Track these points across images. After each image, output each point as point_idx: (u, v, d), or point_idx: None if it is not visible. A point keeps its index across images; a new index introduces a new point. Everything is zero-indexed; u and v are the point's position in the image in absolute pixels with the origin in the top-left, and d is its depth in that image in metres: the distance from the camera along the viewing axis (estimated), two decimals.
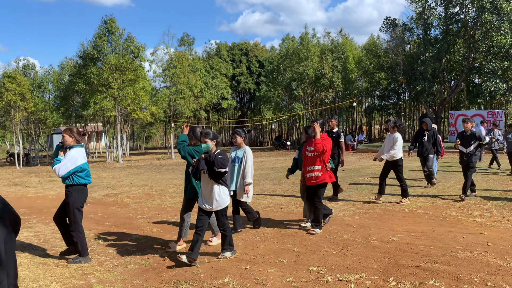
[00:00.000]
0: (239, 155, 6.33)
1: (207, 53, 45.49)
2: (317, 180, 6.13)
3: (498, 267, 4.53)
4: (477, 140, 8.52)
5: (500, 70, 27.52)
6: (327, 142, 6.13)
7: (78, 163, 5.18)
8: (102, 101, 25.35)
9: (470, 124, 8.70)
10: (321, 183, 6.16)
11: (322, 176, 6.14)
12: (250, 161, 6.25)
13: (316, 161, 6.16)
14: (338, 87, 34.27)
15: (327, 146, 6.10)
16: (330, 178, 6.28)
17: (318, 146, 6.04)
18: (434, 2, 30.20)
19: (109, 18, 26.73)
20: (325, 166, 6.18)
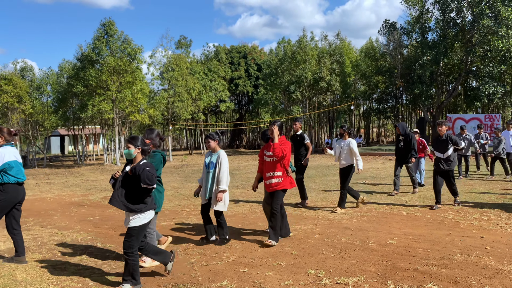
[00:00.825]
0: (213, 160, 5.94)
1: (205, 56, 45.55)
2: (277, 186, 5.79)
3: (496, 271, 4.54)
4: (452, 145, 8.06)
5: (497, 73, 27.70)
6: (286, 146, 5.74)
7: (5, 159, 5.09)
8: (100, 103, 25.32)
9: (444, 127, 8.24)
10: (280, 189, 5.81)
11: (283, 182, 5.81)
12: (225, 166, 5.84)
13: (276, 166, 5.81)
14: (336, 90, 34.38)
15: (286, 151, 5.72)
16: (291, 184, 5.93)
17: (276, 151, 5.65)
18: (431, 6, 30.36)
19: (108, 21, 26.73)
20: (286, 172, 5.84)
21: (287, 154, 5.75)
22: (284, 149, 5.71)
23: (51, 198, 11.53)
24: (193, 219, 7.81)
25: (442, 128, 8.21)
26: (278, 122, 5.90)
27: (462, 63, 29.89)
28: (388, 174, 14.74)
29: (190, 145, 43.55)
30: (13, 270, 5.03)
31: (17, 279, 4.76)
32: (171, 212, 8.72)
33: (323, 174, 15.63)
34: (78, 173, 20.31)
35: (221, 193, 5.77)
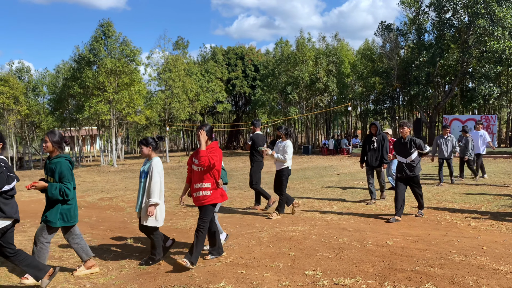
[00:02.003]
0: (145, 168, 5.32)
1: (203, 57, 45.56)
2: (205, 200, 5.06)
3: (493, 271, 4.55)
4: (416, 148, 7.36)
5: (493, 74, 27.81)
6: (214, 154, 5.02)
7: None
8: (97, 104, 25.28)
9: (407, 129, 7.50)
10: (209, 203, 5.09)
11: (212, 195, 5.08)
12: (157, 175, 5.18)
13: (204, 177, 5.07)
14: (333, 91, 34.43)
15: (214, 159, 4.97)
16: (222, 197, 5.23)
17: (202, 160, 4.90)
18: (427, 8, 30.48)
19: (106, 22, 26.73)
20: (216, 183, 5.13)
21: (215, 163, 5.00)
22: (212, 158, 4.96)
23: None
24: (190, 220, 7.79)
25: (404, 129, 7.47)
26: (206, 126, 5.15)
27: (458, 64, 30.01)
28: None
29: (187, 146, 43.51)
30: (9, 272, 5.01)
31: (13, 281, 4.74)
32: (168, 213, 8.71)
33: (320, 175, 15.65)
34: (74, 175, 20.22)
35: (152, 207, 5.11)
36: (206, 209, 5.12)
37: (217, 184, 5.13)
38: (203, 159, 4.90)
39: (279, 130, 7.98)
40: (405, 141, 7.41)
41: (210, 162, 4.93)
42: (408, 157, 7.34)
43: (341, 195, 10.40)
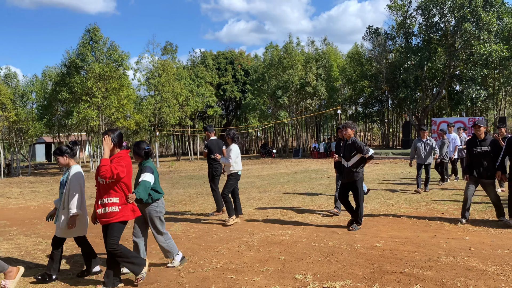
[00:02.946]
0: (65, 178, 4.92)
1: (192, 61, 45.54)
2: (113, 217, 4.39)
3: (480, 272, 4.60)
4: (357, 152, 6.90)
5: (480, 77, 28.22)
6: (120, 164, 4.33)
7: None
8: (86, 110, 25.11)
9: (350, 130, 6.98)
10: (117, 221, 4.42)
11: (122, 211, 4.44)
12: (76, 185, 4.79)
13: (111, 191, 4.42)
14: (322, 95, 34.62)
15: (118, 169, 4.28)
16: (133, 213, 4.60)
17: (102, 170, 4.20)
18: (414, 12, 30.86)
19: (93, 27, 26.60)
20: (126, 197, 4.50)
21: (120, 174, 4.30)
22: (116, 168, 4.27)
23: (36, 207, 11.35)
24: (180, 226, 7.76)
25: (347, 131, 6.96)
26: (114, 132, 4.52)
27: (445, 67, 30.39)
28: (374, 178, 14.85)
29: (178, 151, 43.34)
30: None
31: None
32: None
33: (311, 178, 15.69)
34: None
35: (74, 218, 4.70)
36: (113, 227, 4.42)
37: (127, 198, 4.49)
38: (103, 169, 4.20)
39: (227, 134, 7.83)
40: (348, 143, 6.98)
41: (113, 173, 4.23)
42: (349, 160, 6.92)
43: (331, 198, 10.43)
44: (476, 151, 7.08)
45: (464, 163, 7.72)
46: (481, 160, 7.01)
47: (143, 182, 4.82)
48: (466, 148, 7.33)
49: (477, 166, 7.07)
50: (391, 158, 24.80)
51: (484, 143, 7.04)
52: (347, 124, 7.02)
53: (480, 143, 7.07)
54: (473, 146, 7.12)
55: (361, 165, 6.94)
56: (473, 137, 7.22)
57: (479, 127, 7.07)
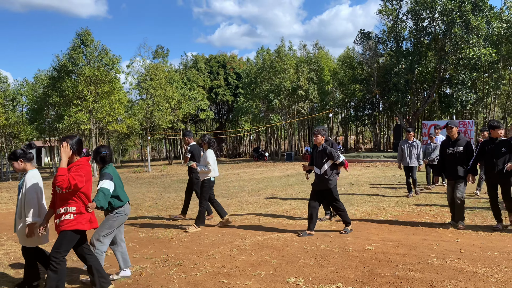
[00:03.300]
0: (21, 183, 4.62)
1: (184, 65, 45.49)
2: (66, 224, 4.14)
3: (470, 274, 4.64)
4: (329, 158, 6.70)
5: (469, 81, 28.52)
6: (78, 174, 4.07)
7: None
8: (77, 114, 24.95)
9: (320, 137, 6.74)
10: (70, 229, 4.15)
11: (76, 219, 4.17)
12: (32, 192, 4.48)
13: (69, 201, 4.18)
14: (314, 98, 34.75)
15: (76, 179, 4.01)
16: (90, 224, 4.28)
17: (59, 180, 3.93)
18: (404, 16, 31.14)
19: (84, 31, 26.49)
20: (85, 207, 4.24)
21: (78, 184, 4.03)
22: (74, 177, 4.00)
23: None
24: (172, 231, 7.72)
25: (317, 137, 6.75)
26: (73, 138, 4.25)
27: (436, 71, 30.66)
28: (366, 181, 14.92)
29: (170, 154, 43.17)
30: None
31: None
32: (149, 224, 8.61)
33: (303, 181, 15.72)
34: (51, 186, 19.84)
35: (31, 226, 4.42)
36: (64, 236, 4.13)
37: (86, 208, 4.23)
38: (60, 179, 3.92)
39: (202, 139, 7.69)
40: (318, 150, 6.74)
41: (70, 183, 3.95)
42: (321, 167, 6.72)
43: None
44: (449, 151, 7.11)
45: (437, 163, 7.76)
46: (453, 160, 7.02)
47: (101, 189, 4.54)
48: (440, 148, 7.38)
49: (449, 167, 7.11)
50: (382, 161, 24.94)
51: (457, 143, 7.06)
52: (318, 130, 6.82)
53: (453, 143, 7.10)
54: (446, 147, 7.17)
55: (334, 171, 6.79)
56: (447, 138, 7.28)
57: (451, 128, 7.10)
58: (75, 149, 4.22)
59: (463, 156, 6.97)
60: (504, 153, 6.69)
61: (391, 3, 31.52)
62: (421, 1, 28.57)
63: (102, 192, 4.53)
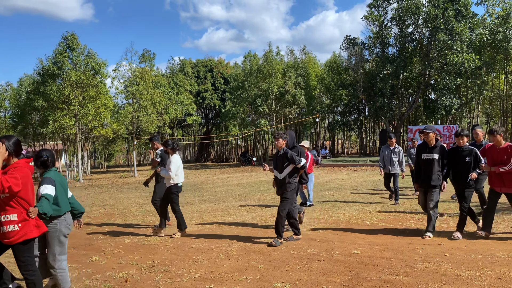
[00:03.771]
0: None
1: (171, 69, 45.33)
2: (13, 237, 3.89)
3: (455, 277, 4.70)
4: (290, 163, 6.52)
5: (453, 86, 28.99)
6: (14, 176, 3.75)
7: None
8: (62, 118, 24.65)
9: (282, 141, 6.62)
10: (20, 241, 3.92)
11: (23, 229, 3.91)
12: None
13: (7, 207, 3.87)
14: (301, 103, 34.92)
15: (10, 182, 3.68)
16: (38, 229, 4.06)
17: None
18: (389, 22, 31.57)
19: (70, 34, 26.23)
20: (26, 213, 3.94)
21: (13, 188, 3.71)
22: (8, 180, 3.68)
23: None
24: (157, 236, 7.66)
25: (278, 141, 6.61)
26: (9, 139, 4.01)
27: (420, 76, 31.11)
28: (352, 185, 15.01)
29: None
30: None
31: None
32: (136, 229, 8.53)
33: None
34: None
35: None
36: (20, 250, 3.93)
37: (28, 213, 3.94)
38: None
39: (165, 145, 7.49)
40: (279, 154, 6.60)
41: (3, 186, 3.62)
42: (282, 172, 6.58)
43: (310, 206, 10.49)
44: (424, 157, 6.82)
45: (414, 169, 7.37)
46: (428, 167, 6.72)
47: (43, 195, 4.26)
48: (416, 154, 7.10)
49: (423, 173, 6.81)
50: (368, 165, 25.14)
51: (433, 150, 6.76)
52: (279, 134, 6.71)
53: (430, 150, 6.80)
54: (422, 153, 6.88)
55: (295, 175, 6.62)
56: (423, 143, 6.97)
57: (428, 134, 6.80)
58: (11, 150, 3.94)
59: (438, 164, 6.69)
60: (467, 162, 6.54)
61: (377, 9, 31.93)
62: (405, 8, 29.00)
63: (44, 197, 4.24)
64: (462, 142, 6.66)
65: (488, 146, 6.71)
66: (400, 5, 29.84)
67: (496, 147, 6.47)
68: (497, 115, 35.65)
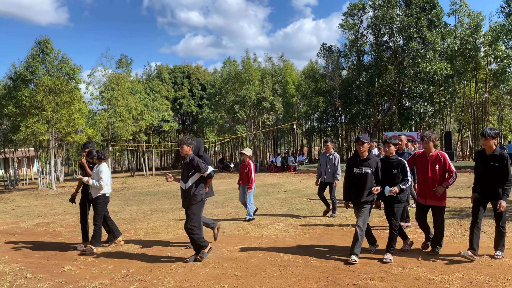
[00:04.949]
0: None
1: (147, 75, 44.92)
2: None
3: (428, 281, 4.78)
4: (196, 171, 6.00)
5: (427, 94, 29.74)
6: None
7: None
8: (35, 124, 24.02)
9: (186, 147, 6.10)
10: None
11: None
12: None
13: None
14: (279, 110, 35.11)
15: None
16: None
17: None
18: (365, 31, 32.21)
19: (44, 39, 25.68)
20: None
21: None
22: None
23: None
24: (132, 245, 7.52)
25: (183, 149, 6.10)
26: None
27: (395, 84, 31.77)
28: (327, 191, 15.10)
29: (132, 166, 42.25)
30: None
31: None
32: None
33: (268, 192, 15.76)
34: (8, 199, 18.94)
35: None
36: None
37: None
38: None
39: (90, 155, 7.13)
40: (186, 162, 6.09)
41: None
42: (187, 182, 6.04)
43: (287, 211, 10.52)
44: (356, 171, 5.88)
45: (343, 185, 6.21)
46: (360, 183, 5.83)
47: None
48: (346, 167, 6.15)
49: (354, 189, 5.92)
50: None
51: (365, 163, 5.83)
52: (182, 140, 6.12)
53: (361, 163, 5.86)
54: (353, 166, 5.93)
55: (201, 186, 6.03)
56: (355, 155, 6.01)
57: (362, 144, 5.81)
58: None
59: (371, 180, 5.80)
60: (394, 176, 5.82)
61: (352, 18, 32.52)
62: (380, 17, 29.64)
63: None
64: (389, 150, 5.93)
65: (418, 153, 6.14)
66: (375, 14, 30.50)
67: (426, 154, 5.93)
68: (469, 121, 36.74)
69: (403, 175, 5.81)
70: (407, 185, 5.77)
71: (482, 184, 5.62)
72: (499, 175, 5.42)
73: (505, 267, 5.20)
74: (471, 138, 36.16)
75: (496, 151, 5.48)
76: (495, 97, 33.56)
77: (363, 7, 31.75)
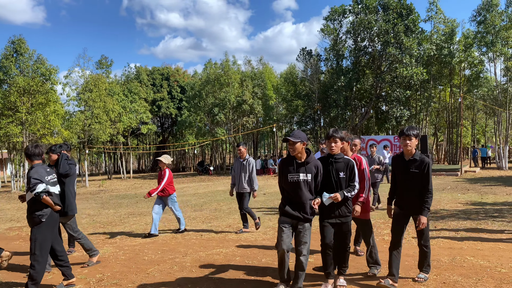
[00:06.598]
0: None
1: (126, 77, 44.36)
2: None
3: (403, 282, 4.86)
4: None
5: (403, 98, 30.31)
6: None
7: None
8: (8, 126, 23.41)
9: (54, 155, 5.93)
10: None
11: None
12: None
13: None
14: (258, 113, 35.17)
15: None
16: None
17: None
18: (344, 36, 32.64)
19: (18, 38, 25.08)
20: None
21: None
22: None
23: None
24: (109, 248, 7.40)
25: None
26: None
27: (373, 88, 32.26)
28: None
29: (109, 169, 41.60)
30: None
31: None
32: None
33: None
34: None
35: None
36: None
37: None
38: None
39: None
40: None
41: None
42: None
43: (267, 214, 10.53)
44: (292, 179, 4.59)
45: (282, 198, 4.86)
46: (295, 193, 4.59)
47: None
48: (279, 172, 4.89)
49: (291, 200, 4.65)
50: None
51: (302, 169, 4.57)
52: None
53: (297, 168, 4.58)
54: (288, 172, 4.62)
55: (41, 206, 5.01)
56: (289, 157, 4.69)
57: (294, 144, 4.54)
58: None
59: (309, 188, 4.61)
60: (340, 179, 4.71)
61: (332, 22, 32.89)
62: (359, 22, 30.08)
63: None
64: (335, 146, 4.73)
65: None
66: (354, 19, 30.94)
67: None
68: (444, 126, 37.59)
69: (350, 179, 4.73)
70: (353, 192, 4.71)
71: (401, 196, 4.85)
72: (420, 184, 4.65)
73: (477, 268, 5.34)
74: (446, 141, 36.99)
75: (416, 155, 4.70)
76: (469, 102, 34.44)
77: (343, 12, 32.16)
